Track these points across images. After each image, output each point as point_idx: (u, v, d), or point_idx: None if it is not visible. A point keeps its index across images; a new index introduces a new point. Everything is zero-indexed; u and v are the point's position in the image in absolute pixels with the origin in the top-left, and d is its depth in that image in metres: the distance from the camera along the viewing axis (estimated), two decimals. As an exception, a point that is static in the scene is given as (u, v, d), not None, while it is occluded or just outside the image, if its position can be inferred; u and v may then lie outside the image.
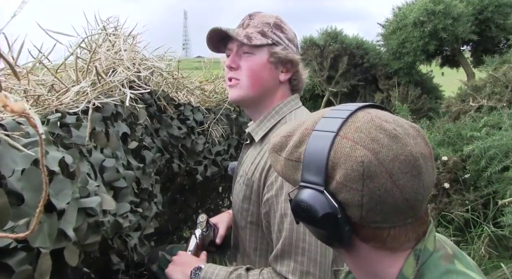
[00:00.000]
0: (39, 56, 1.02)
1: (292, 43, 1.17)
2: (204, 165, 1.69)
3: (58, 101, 0.89)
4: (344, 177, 0.54)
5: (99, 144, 0.93)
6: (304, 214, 0.57)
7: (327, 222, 0.55)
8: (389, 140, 0.54)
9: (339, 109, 0.60)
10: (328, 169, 0.55)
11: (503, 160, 2.49)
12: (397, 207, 0.54)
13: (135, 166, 1.10)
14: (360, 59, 6.98)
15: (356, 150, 0.54)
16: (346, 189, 0.54)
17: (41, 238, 0.63)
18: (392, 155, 0.53)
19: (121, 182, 0.96)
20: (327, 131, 0.57)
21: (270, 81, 1.15)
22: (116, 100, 1.06)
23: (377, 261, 0.60)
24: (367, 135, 0.55)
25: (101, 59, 1.17)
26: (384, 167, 0.53)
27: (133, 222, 0.99)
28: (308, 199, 0.56)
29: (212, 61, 2.12)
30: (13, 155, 0.64)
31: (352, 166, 0.53)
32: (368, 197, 0.53)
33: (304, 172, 0.57)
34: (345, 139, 0.55)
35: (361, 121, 0.57)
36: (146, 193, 1.16)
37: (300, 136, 0.60)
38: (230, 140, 1.95)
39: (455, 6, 5.82)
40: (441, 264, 0.59)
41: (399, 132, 0.55)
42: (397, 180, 0.53)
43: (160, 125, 1.45)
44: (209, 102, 1.87)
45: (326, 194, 0.55)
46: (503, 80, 3.55)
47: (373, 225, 0.56)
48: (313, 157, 0.56)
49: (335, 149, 0.55)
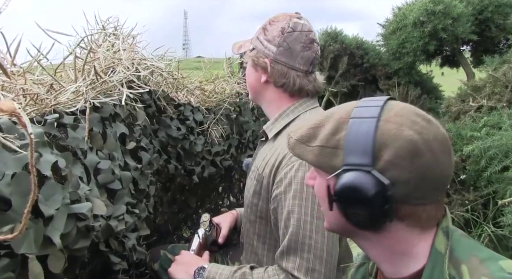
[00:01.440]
0: (37, 56, 1.02)
1: (272, 43, 1.15)
2: (202, 165, 1.68)
3: (56, 101, 0.88)
4: (393, 155, 0.57)
5: (95, 146, 0.92)
6: (353, 196, 0.59)
7: (375, 201, 0.58)
8: (426, 123, 0.60)
9: (370, 100, 0.65)
10: (375, 150, 0.58)
11: (503, 160, 2.48)
12: (436, 183, 0.59)
13: (132, 166, 1.09)
14: (360, 59, 6.97)
15: (403, 130, 0.58)
16: (394, 167, 0.58)
17: (27, 244, 0.62)
18: (432, 135, 0.59)
19: (116, 184, 0.96)
20: (368, 118, 0.61)
21: (256, 84, 1.22)
22: (114, 100, 1.05)
23: (408, 239, 0.63)
24: (407, 118, 0.60)
25: (100, 59, 1.17)
26: (428, 145, 0.58)
27: (129, 223, 0.98)
28: (357, 180, 0.58)
29: (212, 61, 2.12)
30: (5, 157, 0.63)
31: (402, 145, 0.57)
32: (414, 173, 0.57)
33: (348, 156, 0.60)
34: (389, 123, 0.59)
35: (397, 108, 0.62)
36: (143, 194, 1.16)
37: (335, 124, 0.64)
38: (231, 140, 1.95)
39: (455, 6, 5.81)
40: (464, 239, 0.64)
41: (430, 117, 0.62)
42: (437, 157, 0.58)
43: (159, 126, 1.45)
44: (209, 102, 1.87)
45: (375, 173, 0.57)
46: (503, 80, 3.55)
47: (413, 201, 0.59)
48: (357, 140, 0.60)
49: (381, 131, 0.59)
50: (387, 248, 0.65)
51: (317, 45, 1.19)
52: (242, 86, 2.14)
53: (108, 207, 0.90)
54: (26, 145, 0.66)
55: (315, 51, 1.18)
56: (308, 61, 1.16)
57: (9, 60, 0.92)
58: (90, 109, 0.94)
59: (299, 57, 1.15)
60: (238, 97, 2.06)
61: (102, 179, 0.92)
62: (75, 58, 1.07)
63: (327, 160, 0.63)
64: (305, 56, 1.15)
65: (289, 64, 1.15)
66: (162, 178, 1.72)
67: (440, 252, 0.62)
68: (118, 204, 0.95)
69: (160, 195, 1.79)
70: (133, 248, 1.03)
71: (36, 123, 0.78)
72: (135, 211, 1.04)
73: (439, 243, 0.63)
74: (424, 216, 0.61)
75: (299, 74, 1.16)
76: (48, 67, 1.12)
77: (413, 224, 0.62)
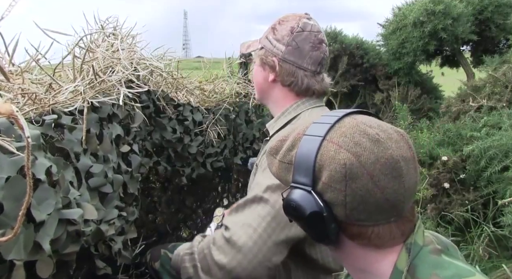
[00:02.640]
0: (35, 55, 1.01)
1: (281, 42, 1.16)
2: (192, 167, 1.68)
3: (54, 100, 0.88)
4: (328, 178, 0.58)
5: (90, 148, 0.92)
6: (294, 212, 0.61)
7: (314, 220, 0.59)
8: (371, 144, 0.58)
9: (328, 116, 0.65)
10: (315, 171, 0.59)
11: (503, 160, 2.48)
12: (379, 206, 0.58)
13: (123, 169, 1.09)
14: (360, 59, 6.96)
15: (340, 153, 0.58)
16: (331, 189, 0.58)
17: (16, 250, 0.61)
18: (373, 157, 0.57)
19: (107, 187, 0.95)
20: (316, 136, 0.61)
21: (263, 83, 1.23)
22: (113, 99, 1.05)
23: (364, 257, 0.64)
24: (351, 139, 0.59)
25: (98, 58, 1.16)
26: (366, 169, 0.57)
27: (117, 226, 0.98)
28: (297, 198, 0.61)
29: (212, 61, 2.12)
30: (0, 160, 0.62)
31: (336, 168, 0.58)
32: (351, 196, 0.57)
33: (295, 173, 0.62)
34: (331, 143, 0.60)
35: (346, 127, 0.61)
36: (132, 197, 1.15)
37: (292, 140, 0.65)
38: (227, 141, 1.94)
39: (455, 6, 5.81)
40: (431, 256, 0.62)
41: (381, 137, 0.60)
42: (377, 181, 0.57)
43: (154, 128, 1.44)
44: (208, 102, 1.86)
45: (313, 194, 0.59)
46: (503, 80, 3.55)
47: (357, 223, 0.60)
48: (303, 160, 0.61)
49: (322, 152, 0.60)
50: (349, 263, 0.67)
51: (325, 46, 1.19)
52: (241, 86, 2.14)
53: (100, 210, 0.90)
54: (23, 147, 0.66)
55: (323, 52, 1.18)
56: (316, 61, 1.16)
57: (8, 59, 0.92)
58: (88, 109, 0.93)
59: (307, 57, 1.15)
60: (238, 97, 2.05)
61: (94, 183, 0.91)
62: (73, 58, 1.07)
63: (283, 175, 0.66)
64: (314, 56, 1.16)
65: (297, 64, 1.15)
66: (160, 178, 1.72)
67: (401, 270, 0.61)
68: (108, 207, 0.94)
69: (158, 195, 1.78)
70: (119, 252, 1.02)
71: (34, 123, 0.78)
72: (123, 214, 1.03)
73: (401, 261, 0.62)
74: (373, 237, 0.61)
75: (307, 73, 1.17)
76: (47, 67, 1.12)
77: (365, 243, 0.62)
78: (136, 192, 1.17)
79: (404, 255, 0.62)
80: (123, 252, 1.04)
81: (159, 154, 1.51)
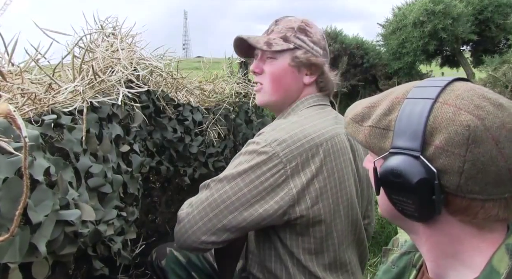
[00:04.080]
0: (35, 55, 1.01)
1: (318, 46, 1.18)
2: (194, 167, 1.68)
3: (53, 100, 0.88)
4: (445, 141, 0.52)
5: (90, 148, 0.91)
6: (397, 180, 0.54)
7: (421, 189, 0.52)
8: (494, 108, 0.52)
9: (434, 80, 0.58)
10: (425, 134, 0.53)
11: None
12: (499, 177, 0.51)
13: (123, 169, 1.09)
14: (360, 59, 6.97)
15: (461, 114, 0.52)
16: (446, 154, 0.52)
17: (11, 252, 0.60)
18: (499, 122, 0.51)
19: (106, 187, 0.95)
20: (424, 98, 0.55)
21: (293, 85, 1.17)
22: (112, 99, 1.05)
23: (461, 238, 0.56)
24: (471, 102, 0.53)
25: (98, 58, 1.16)
26: (491, 133, 0.51)
27: (116, 226, 0.97)
28: (402, 165, 0.53)
29: (212, 61, 2.12)
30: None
31: (457, 130, 0.51)
32: (470, 163, 0.51)
33: (396, 138, 0.55)
34: (446, 105, 0.53)
35: (461, 90, 0.55)
36: (132, 197, 1.15)
37: (389, 104, 0.59)
38: (227, 141, 1.94)
39: (455, 6, 5.82)
40: None
41: (504, 101, 0.54)
42: (503, 148, 0.51)
43: (155, 128, 1.44)
44: (208, 102, 1.86)
45: (423, 159, 0.52)
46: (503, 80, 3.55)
47: (468, 195, 0.52)
48: (408, 123, 0.54)
49: (435, 114, 0.53)
50: (436, 246, 0.59)
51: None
52: (241, 86, 2.14)
53: (99, 211, 0.89)
54: (22, 148, 0.65)
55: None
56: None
57: (7, 59, 0.92)
58: (87, 108, 0.93)
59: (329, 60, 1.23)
60: (237, 97, 2.05)
61: (93, 183, 0.91)
62: (73, 58, 1.07)
63: (377, 141, 0.59)
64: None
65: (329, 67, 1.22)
66: (160, 178, 1.72)
67: (498, 271, 0.54)
68: (107, 208, 0.94)
69: (158, 195, 1.78)
70: (118, 252, 1.02)
71: (33, 123, 0.78)
72: (123, 214, 1.02)
73: (499, 260, 0.54)
74: (481, 214, 0.53)
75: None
76: (46, 67, 1.12)
77: (467, 221, 0.55)
78: (137, 192, 1.17)
79: (504, 255, 0.55)
80: (122, 252, 1.04)
81: (160, 153, 1.51)
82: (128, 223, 1.08)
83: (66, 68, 1.14)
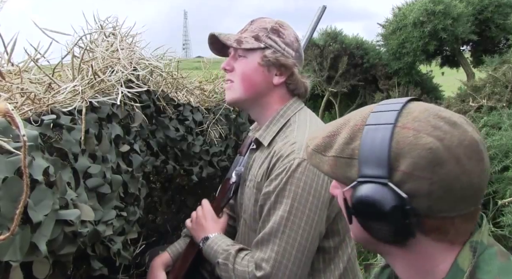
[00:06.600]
0: (34, 55, 1.01)
1: (290, 47, 1.18)
2: (200, 166, 1.68)
3: (53, 100, 0.88)
4: (412, 166, 0.52)
5: (88, 148, 0.91)
6: (369, 210, 0.55)
7: (394, 215, 0.53)
8: (450, 127, 0.54)
9: (387, 104, 0.59)
10: (391, 160, 0.53)
11: (502, 160, 2.48)
12: (464, 192, 0.53)
13: (123, 169, 1.08)
14: (360, 59, 6.97)
15: (421, 138, 0.53)
16: (413, 178, 0.52)
17: (12, 251, 0.60)
18: (456, 140, 0.53)
19: (105, 187, 0.94)
20: (383, 124, 0.56)
21: (263, 84, 1.18)
22: (112, 99, 1.05)
23: (433, 255, 0.58)
24: (427, 123, 0.54)
25: (98, 58, 1.16)
26: (451, 152, 0.52)
27: (116, 227, 0.97)
28: (372, 193, 0.54)
29: (212, 61, 2.12)
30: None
31: (420, 154, 0.52)
32: (437, 184, 0.52)
33: (362, 167, 0.56)
34: (406, 129, 0.54)
35: (417, 111, 0.56)
36: (132, 197, 1.15)
37: (350, 132, 0.59)
38: (228, 141, 1.94)
39: (455, 6, 5.81)
40: (498, 259, 0.57)
41: (457, 119, 0.55)
42: (463, 165, 0.52)
43: (157, 127, 1.44)
44: (208, 102, 1.86)
45: (392, 186, 0.53)
46: (502, 80, 3.55)
47: (439, 214, 0.54)
48: (372, 150, 0.55)
49: (397, 139, 0.54)
50: (412, 265, 0.60)
51: None
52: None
53: (98, 211, 0.89)
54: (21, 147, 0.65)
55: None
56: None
57: (6, 59, 0.91)
58: (87, 108, 0.93)
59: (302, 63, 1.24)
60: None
61: (91, 183, 0.90)
62: (73, 58, 1.07)
63: (343, 171, 0.59)
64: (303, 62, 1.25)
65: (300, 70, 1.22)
66: (161, 178, 1.72)
67: (462, 269, 0.56)
68: (106, 208, 0.93)
69: (159, 195, 1.78)
70: (118, 252, 1.01)
71: (33, 122, 0.77)
72: (123, 214, 1.02)
73: (463, 259, 0.56)
74: (452, 230, 0.55)
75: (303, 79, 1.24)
76: (46, 67, 1.12)
77: (440, 239, 0.56)
78: (137, 192, 1.16)
79: (467, 253, 0.57)
80: (122, 252, 1.04)
81: (164, 153, 1.50)
82: (129, 223, 1.08)
83: (66, 68, 1.14)
